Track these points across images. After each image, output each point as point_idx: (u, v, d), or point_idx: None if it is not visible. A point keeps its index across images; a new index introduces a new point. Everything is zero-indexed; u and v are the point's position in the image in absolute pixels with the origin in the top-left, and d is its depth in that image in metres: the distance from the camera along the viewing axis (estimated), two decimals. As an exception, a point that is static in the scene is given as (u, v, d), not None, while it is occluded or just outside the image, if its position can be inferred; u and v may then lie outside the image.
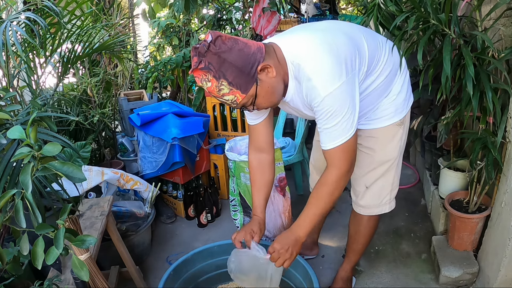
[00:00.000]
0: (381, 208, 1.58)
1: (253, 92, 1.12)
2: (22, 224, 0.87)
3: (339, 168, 1.22)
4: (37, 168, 0.86)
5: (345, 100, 1.13)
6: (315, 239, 2.04)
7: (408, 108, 1.45)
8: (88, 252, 1.25)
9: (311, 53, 1.15)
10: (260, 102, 1.16)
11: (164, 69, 3.30)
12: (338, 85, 1.11)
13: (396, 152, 1.49)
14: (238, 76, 1.07)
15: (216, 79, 1.06)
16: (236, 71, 1.07)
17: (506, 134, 1.45)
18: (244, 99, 1.12)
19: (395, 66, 1.37)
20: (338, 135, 1.17)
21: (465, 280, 1.71)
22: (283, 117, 2.77)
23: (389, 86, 1.38)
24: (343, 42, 1.18)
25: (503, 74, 1.41)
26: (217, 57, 1.05)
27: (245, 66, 1.07)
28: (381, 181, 1.53)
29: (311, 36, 1.21)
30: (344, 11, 6.48)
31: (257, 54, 1.10)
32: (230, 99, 1.11)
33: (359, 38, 1.25)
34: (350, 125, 1.16)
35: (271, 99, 1.18)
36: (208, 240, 2.30)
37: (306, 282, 1.47)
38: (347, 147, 1.19)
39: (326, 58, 1.12)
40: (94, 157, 2.85)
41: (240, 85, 1.08)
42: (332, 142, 1.18)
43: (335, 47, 1.15)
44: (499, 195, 1.56)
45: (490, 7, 1.40)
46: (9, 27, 1.63)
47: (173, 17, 3.75)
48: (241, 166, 1.80)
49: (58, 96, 2.70)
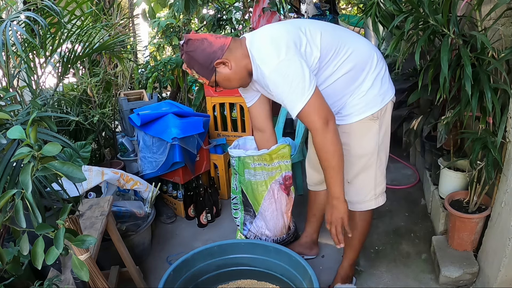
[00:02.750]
0: (366, 204, 1.61)
1: (213, 79, 1.45)
2: (22, 224, 0.87)
3: (315, 129, 1.34)
4: (37, 168, 0.86)
5: (288, 72, 1.30)
6: (315, 239, 2.04)
7: (383, 104, 1.49)
8: (88, 252, 1.25)
9: (257, 39, 1.42)
10: (222, 86, 1.48)
11: (164, 69, 3.30)
12: (278, 61, 1.31)
13: (372, 147, 1.53)
14: (201, 68, 1.42)
15: (190, 68, 1.44)
16: (199, 65, 1.41)
17: (506, 134, 1.45)
18: (209, 83, 1.46)
19: (360, 63, 1.45)
20: (295, 102, 1.32)
21: (465, 280, 1.71)
22: (283, 117, 2.77)
23: (354, 81, 1.46)
24: (287, 30, 1.39)
25: (502, 74, 1.41)
26: (187, 55, 1.41)
27: (205, 62, 1.40)
28: (362, 176, 1.57)
29: (265, 28, 1.47)
30: (344, 11, 6.48)
31: (217, 52, 1.39)
32: (203, 81, 1.48)
33: (313, 30, 1.41)
34: (302, 89, 1.30)
35: (231, 83, 1.48)
36: (208, 240, 2.30)
37: (306, 282, 1.47)
38: (310, 107, 1.31)
39: (265, 41, 1.38)
40: (94, 157, 2.85)
41: (203, 74, 1.44)
42: (294, 109, 1.33)
43: (277, 34, 1.38)
44: (499, 195, 1.56)
45: (490, 7, 1.40)
46: (9, 27, 1.63)
47: (173, 17, 3.75)
48: (246, 162, 1.79)
49: (58, 96, 2.71)
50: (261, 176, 1.80)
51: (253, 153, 1.76)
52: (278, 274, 1.67)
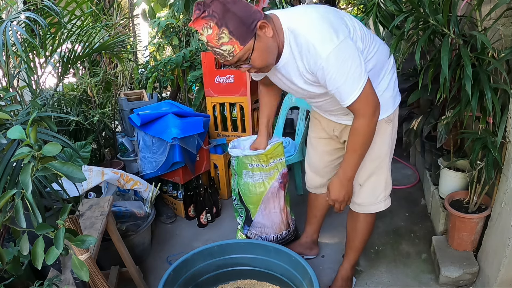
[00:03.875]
0: (377, 206, 1.61)
1: (251, 46, 1.15)
2: (22, 224, 0.87)
3: (364, 115, 1.27)
4: (37, 168, 0.86)
5: (347, 55, 1.18)
6: (314, 238, 2.04)
7: (395, 106, 1.50)
8: (88, 252, 1.25)
9: (306, 18, 1.23)
10: (255, 58, 1.19)
11: (164, 69, 3.30)
12: (338, 42, 1.17)
13: (386, 150, 1.52)
14: (239, 26, 1.11)
15: (218, 26, 1.10)
16: (238, 21, 1.11)
17: (506, 134, 1.45)
18: (242, 51, 1.15)
19: (380, 62, 1.42)
20: (352, 88, 1.21)
21: (465, 280, 1.71)
22: (283, 117, 2.77)
23: (376, 79, 1.41)
24: (333, 13, 1.28)
25: (503, 74, 1.41)
26: (222, 6, 1.10)
27: (247, 19, 1.12)
28: (374, 178, 1.56)
29: (307, 8, 1.29)
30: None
31: (257, 13, 1.16)
32: (228, 50, 1.14)
33: (350, 20, 1.32)
34: (359, 75, 1.20)
35: (266, 58, 1.22)
36: (208, 240, 2.30)
37: (306, 282, 1.47)
38: (365, 95, 1.23)
39: (320, 21, 1.21)
40: (94, 157, 2.85)
41: (239, 35, 1.12)
42: (350, 97, 1.23)
43: (328, 15, 1.24)
44: (499, 195, 1.56)
45: (490, 7, 1.40)
46: (9, 27, 1.63)
47: (173, 17, 3.75)
48: (244, 163, 1.80)
49: (58, 96, 2.71)
50: (259, 177, 1.82)
51: (251, 153, 1.77)
52: (278, 274, 1.67)
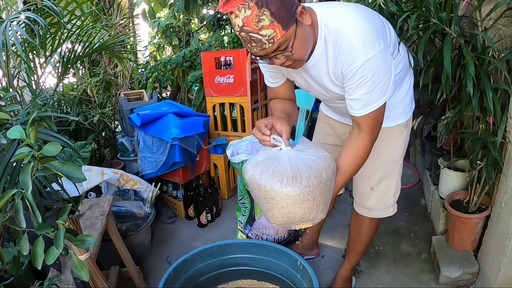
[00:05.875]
0: (385, 211, 1.58)
1: (293, 32, 1.02)
2: (22, 224, 0.87)
3: (371, 133, 1.20)
4: (37, 168, 0.86)
5: (383, 66, 1.10)
6: (315, 239, 2.04)
7: (411, 111, 1.47)
8: (88, 252, 1.25)
9: (350, 17, 1.12)
10: (297, 46, 1.06)
11: (164, 69, 3.30)
12: (379, 50, 1.08)
13: (399, 154, 1.50)
14: (281, 8, 0.98)
15: (258, 7, 0.96)
16: (280, 2, 0.98)
17: (506, 134, 1.45)
18: (283, 37, 1.01)
19: (406, 68, 1.38)
20: (372, 101, 1.13)
21: (465, 280, 1.71)
22: (283, 117, 2.77)
23: (400, 82, 1.38)
24: (375, 16, 1.19)
25: (503, 74, 1.41)
26: None
27: (288, 1, 1.00)
28: (386, 182, 1.53)
29: (346, 4, 1.19)
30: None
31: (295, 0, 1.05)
32: (268, 35, 1.00)
33: (389, 24, 1.26)
34: (385, 91, 1.13)
35: (305, 47, 1.10)
36: (208, 240, 2.30)
37: (306, 282, 1.47)
38: (380, 112, 1.17)
39: (365, 24, 1.10)
40: (94, 157, 2.85)
41: (282, 19, 0.98)
42: (365, 109, 1.15)
43: (371, 17, 1.15)
44: (499, 195, 1.56)
45: (490, 7, 1.40)
46: (9, 27, 1.63)
47: (173, 17, 3.75)
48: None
49: (58, 96, 2.70)
50: None
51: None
52: (278, 274, 1.67)
